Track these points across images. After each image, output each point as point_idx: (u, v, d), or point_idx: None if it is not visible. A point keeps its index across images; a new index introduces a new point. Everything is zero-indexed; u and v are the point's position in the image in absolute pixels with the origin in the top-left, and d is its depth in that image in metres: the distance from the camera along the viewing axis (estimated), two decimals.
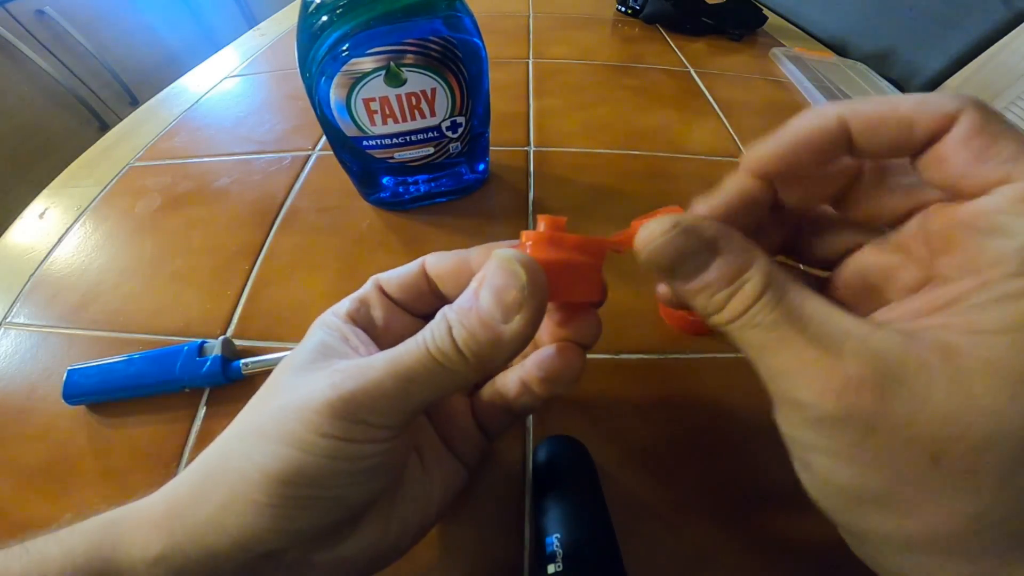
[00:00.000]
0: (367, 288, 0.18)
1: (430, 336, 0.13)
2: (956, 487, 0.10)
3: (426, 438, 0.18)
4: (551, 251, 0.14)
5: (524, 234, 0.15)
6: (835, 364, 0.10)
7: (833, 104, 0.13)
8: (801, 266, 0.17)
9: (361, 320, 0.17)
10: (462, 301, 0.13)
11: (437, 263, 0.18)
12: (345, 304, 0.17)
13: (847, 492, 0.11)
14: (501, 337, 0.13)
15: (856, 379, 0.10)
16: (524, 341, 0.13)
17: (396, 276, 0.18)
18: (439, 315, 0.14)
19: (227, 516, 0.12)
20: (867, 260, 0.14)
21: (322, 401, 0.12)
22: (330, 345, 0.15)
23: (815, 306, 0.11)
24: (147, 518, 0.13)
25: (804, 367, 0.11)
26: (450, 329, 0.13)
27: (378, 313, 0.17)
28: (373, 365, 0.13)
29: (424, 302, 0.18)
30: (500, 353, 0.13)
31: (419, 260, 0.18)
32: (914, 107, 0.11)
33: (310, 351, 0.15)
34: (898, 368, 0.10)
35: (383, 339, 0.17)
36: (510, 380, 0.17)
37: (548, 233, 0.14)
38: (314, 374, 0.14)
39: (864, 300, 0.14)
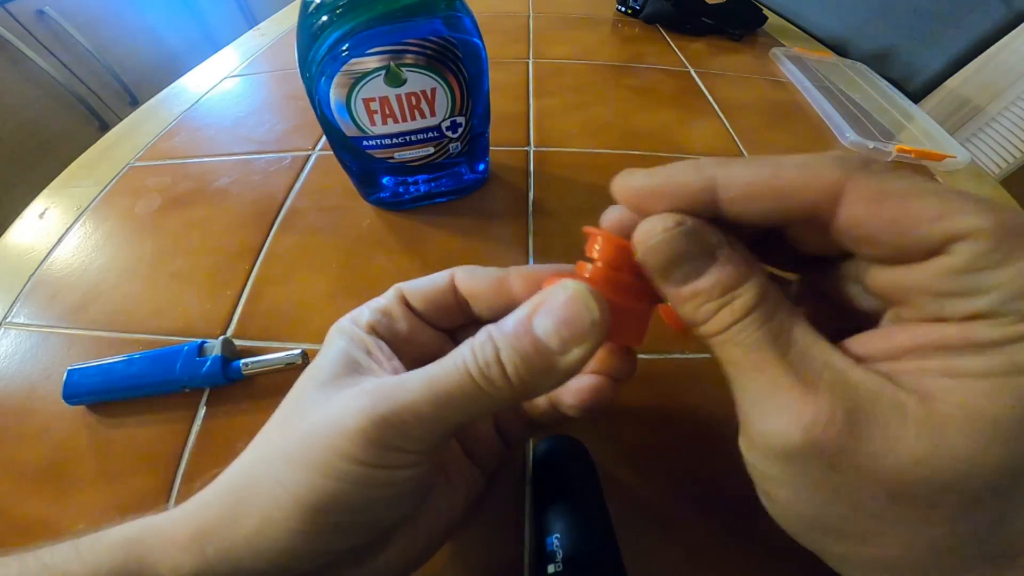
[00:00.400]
0: (389, 298, 0.17)
1: (471, 357, 0.12)
2: (912, 521, 0.10)
3: (450, 451, 0.18)
4: (611, 291, 0.13)
5: (580, 265, 0.14)
6: (808, 396, 0.10)
7: (712, 163, 0.12)
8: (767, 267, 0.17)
9: (383, 331, 0.16)
10: (512, 325, 0.13)
11: (471, 279, 0.17)
12: (366, 314, 0.17)
13: (806, 520, 0.11)
14: (554, 367, 0.12)
15: (827, 415, 0.10)
16: (573, 375, 0.12)
17: (421, 288, 0.17)
18: (483, 336, 0.13)
19: (262, 540, 0.12)
20: (826, 275, 0.14)
21: (353, 427, 0.12)
22: (354, 358, 0.15)
23: (801, 334, 0.11)
24: (175, 537, 0.13)
25: (776, 394, 0.11)
26: (498, 351, 0.12)
27: (401, 326, 0.17)
28: (406, 387, 0.12)
29: (450, 317, 0.18)
30: (548, 383, 0.12)
31: (446, 273, 0.17)
32: (793, 177, 0.11)
33: (334, 363, 0.15)
34: (872, 407, 0.10)
35: (405, 353, 0.17)
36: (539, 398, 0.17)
37: (606, 272, 0.13)
38: (341, 392, 0.13)
39: (827, 311, 0.14)
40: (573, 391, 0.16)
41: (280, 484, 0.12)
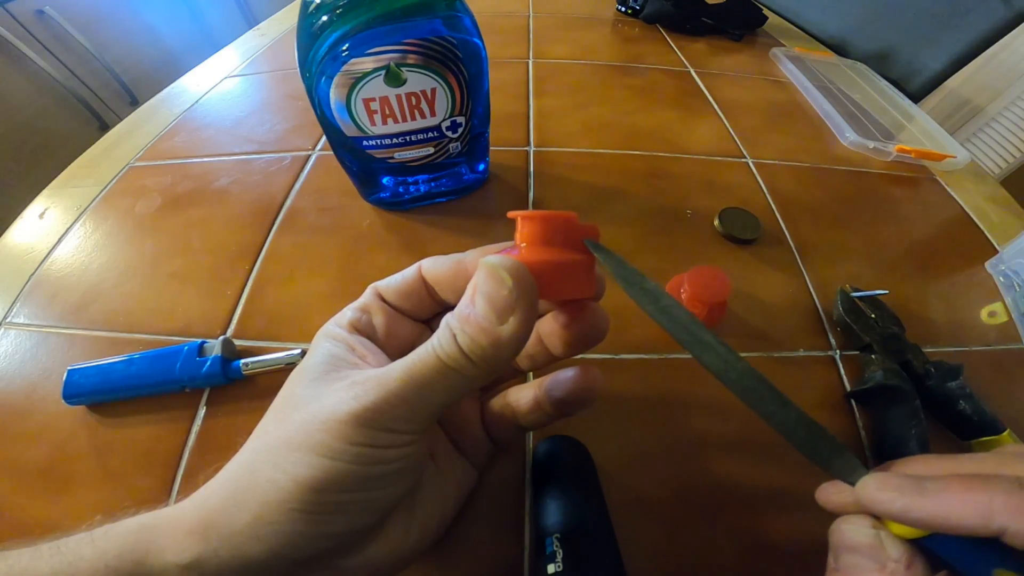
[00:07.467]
0: (367, 297, 0.18)
1: (438, 344, 0.14)
2: None
3: (439, 444, 0.18)
4: (542, 252, 0.15)
5: (516, 236, 0.16)
6: None
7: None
8: None
9: (364, 329, 0.17)
10: (461, 308, 0.14)
11: (433, 268, 0.18)
12: (347, 314, 0.18)
13: None
14: (500, 338, 0.13)
15: None
16: (522, 338, 0.13)
17: (394, 283, 0.18)
18: (443, 323, 0.14)
19: (263, 525, 0.13)
20: None
21: (347, 412, 0.13)
22: (338, 356, 0.16)
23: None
24: (181, 525, 0.13)
25: None
26: (454, 336, 0.13)
27: (379, 320, 0.18)
28: (391, 376, 0.14)
29: (424, 307, 0.18)
30: (503, 352, 0.13)
31: (415, 265, 0.18)
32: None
33: (320, 363, 0.15)
34: None
35: (387, 346, 0.17)
36: (523, 397, 0.18)
37: (531, 238, 0.15)
38: (331, 386, 0.14)
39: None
40: (556, 383, 0.17)
41: (279, 468, 0.13)
